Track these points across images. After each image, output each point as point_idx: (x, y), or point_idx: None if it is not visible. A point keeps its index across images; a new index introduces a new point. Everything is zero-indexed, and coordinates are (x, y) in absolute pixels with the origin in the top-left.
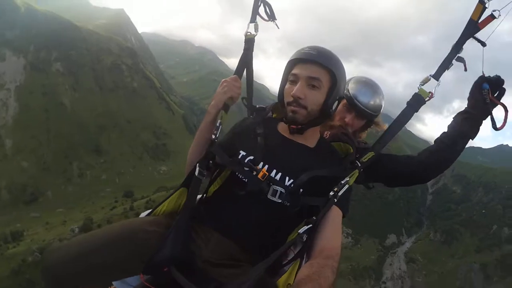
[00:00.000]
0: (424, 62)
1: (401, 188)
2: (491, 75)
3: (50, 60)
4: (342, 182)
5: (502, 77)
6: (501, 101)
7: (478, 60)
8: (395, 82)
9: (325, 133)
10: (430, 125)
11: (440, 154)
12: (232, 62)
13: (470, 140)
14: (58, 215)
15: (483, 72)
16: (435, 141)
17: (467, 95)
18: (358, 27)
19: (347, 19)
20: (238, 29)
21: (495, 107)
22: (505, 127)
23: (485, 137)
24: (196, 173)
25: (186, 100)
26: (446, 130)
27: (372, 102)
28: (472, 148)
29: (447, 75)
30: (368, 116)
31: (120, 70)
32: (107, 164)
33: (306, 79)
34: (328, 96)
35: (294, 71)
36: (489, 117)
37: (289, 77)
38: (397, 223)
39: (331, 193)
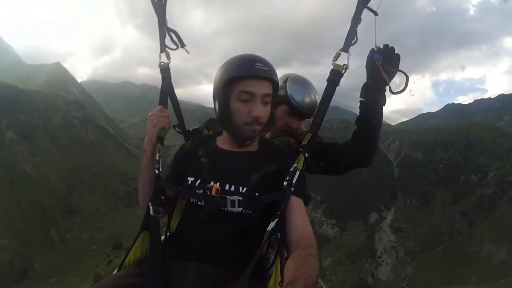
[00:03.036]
0: (358, 50)
1: (368, 170)
2: (381, 46)
3: (1, 130)
4: (291, 169)
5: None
6: (400, 67)
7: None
8: None
9: (266, 134)
10: None
11: (363, 132)
12: (178, 92)
13: (383, 106)
14: (53, 285)
15: (375, 43)
16: (355, 122)
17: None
18: (290, 32)
19: (278, 26)
20: (177, 58)
21: (393, 74)
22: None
23: (432, 101)
24: (151, 212)
25: (142, 141)
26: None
27: (307, 100)
28: (422, 114)
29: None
30: (305, 115)
31: (73, 125)
32: (85, 223)
33: (261, 97)
34: (272, 106)
35: (248, 89)
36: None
37: (239, 95)
38: (374, 201)
39: (285, 183)
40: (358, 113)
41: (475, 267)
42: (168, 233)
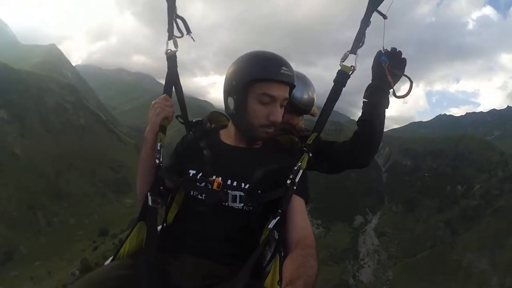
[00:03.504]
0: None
1: (357, 173)
2: (389, 49)
3: None
4: (295, 168)
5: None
6: (405, 71)
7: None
8: (331, 76)
9: None
10: None
11: (365, 133)
12: None
13: (386, 108)
14: (39, 268)
15: (383, 46)
16: (357, 122)
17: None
18: (288, 30)
19: (277, 24)
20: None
21: (398, 78)
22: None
23: (424, 111)
24: (150, 202)
25: (133, 129)
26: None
27: (306, 97)
28: (414, 123)
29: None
30: (303, 111)
31: (65, 109)
32: (73, 208)
33: (281, 101)
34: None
35: (271, 92)
36: (392, 85)
37: (261, 97)
38: (361, 204)
39: (288, 181)
40: (360, 114)
41: (456, 275)
42: (164, 224)
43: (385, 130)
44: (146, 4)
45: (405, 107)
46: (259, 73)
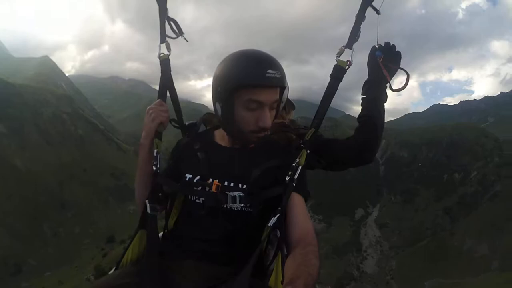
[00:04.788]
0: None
1: (356, 167)
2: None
3: None
4: (294, 164)
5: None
6: (401, 65)
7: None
8: (325, 74)
9: None
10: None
11: (366, 129)
12: None
13: (384, 102)
14: (49, 279)
15: (377, 41)
16: (357, 119)
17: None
18: (281, 30)
19: (269, 24)
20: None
21: (394, 71)
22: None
23: (419, 102)
24: (148, 210)
25: (131, 136)
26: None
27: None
28: (409, 114)
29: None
30: (293, 107)
31: (62, 120)
32: (77, 217)
33: (270, 105)
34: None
35: (257, 98)
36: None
37: (247, 103)
38: (360, 198)
39: (287, 178)
40: (360, 110)
41: (457, 261)
42: (165, 230)
43: None
44: (137, 11)
45: (399, 99)
46: (243, 80)
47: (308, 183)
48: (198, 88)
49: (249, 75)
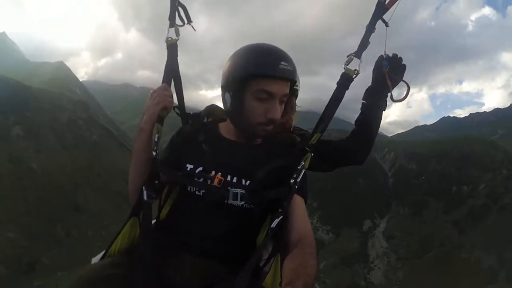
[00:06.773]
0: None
1: (364, 179)
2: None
3: (8, 125)
4: (299, 167)
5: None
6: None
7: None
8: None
9: None
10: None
11: (362, 132)
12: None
13: (383, 110)
14: (62, 279)
15: (385, 51)
16: (355, 122)
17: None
18: (290, 41)
19: (278, 35)
20: (179, 63)
21: (397, 82)
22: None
23: (429, 114)
24: (145, 197)
25: None
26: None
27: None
28: (418, 127)
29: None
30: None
31: (78, 125)
32: (91, 220)
33: (280, 98)
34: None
35: (269, 88)
36: (391, 89)
37: (258, 93)
38: (369, 209)
39: (292, 181)
40: (359, 114)
41: (464, 273)
42: (157, 221)
43: (390, 135)
44: (150, 21)
45: (409, 112)
46: (255, 69)
47: (316, 194)
48: (209, 97)
49: (262, 65)
